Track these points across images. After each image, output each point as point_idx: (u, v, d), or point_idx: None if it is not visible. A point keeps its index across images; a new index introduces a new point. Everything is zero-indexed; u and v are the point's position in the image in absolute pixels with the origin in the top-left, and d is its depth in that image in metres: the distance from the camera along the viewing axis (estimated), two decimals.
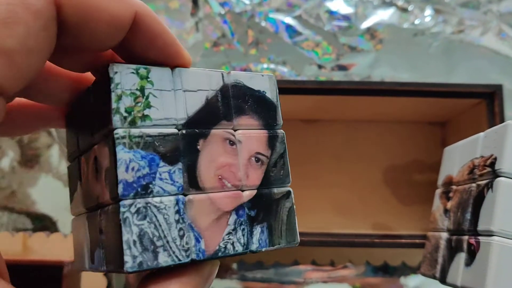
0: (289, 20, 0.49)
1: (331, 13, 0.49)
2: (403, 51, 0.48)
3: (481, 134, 0.31)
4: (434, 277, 0.33)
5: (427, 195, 0.45)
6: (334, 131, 0.46)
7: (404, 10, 0.49)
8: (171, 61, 0.18)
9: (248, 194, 0.19)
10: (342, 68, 0.48)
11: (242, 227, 0.18)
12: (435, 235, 0.34)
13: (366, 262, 0.44)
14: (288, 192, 0.20)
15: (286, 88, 0.40)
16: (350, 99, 0.41)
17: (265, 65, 0.48)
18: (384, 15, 0.49)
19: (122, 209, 0.16)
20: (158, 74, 0.18)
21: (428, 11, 0.48)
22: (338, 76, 0.48)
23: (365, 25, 0.49)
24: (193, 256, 0.17)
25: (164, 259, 0.17)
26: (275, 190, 0.20)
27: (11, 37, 0.15)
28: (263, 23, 0.49)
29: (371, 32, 0.48)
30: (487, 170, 0.29)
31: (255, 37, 0.48)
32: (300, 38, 0.48)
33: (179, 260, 0.17)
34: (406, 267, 0.44)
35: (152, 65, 0.18)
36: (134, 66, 0.18)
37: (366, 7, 0.49)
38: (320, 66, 0.48)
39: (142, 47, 0.18)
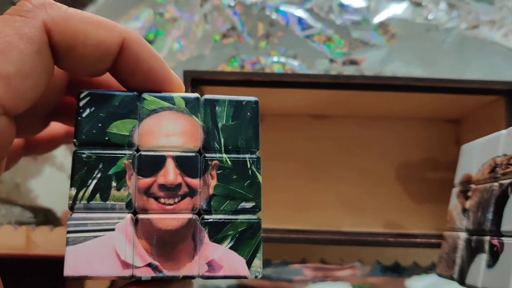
0: (300, 12, 0.48)
1: (343, 7, 0.48)
2: (416, 47, 0.47)
3: (503, 131, 0.30)
4: (452, 278, 0.32)
5: (441, 194, 0.44)
6: (345, 127, 0.45)
7: (417, 4, 0.48)
8: (159, 85, 0.20)
9: None
10: (354, 62, 0.47)
11: None
12: (452, 234, 0.33)
13: (377, 261, 0.43)
14: None
15: (297, 82, 0.39)
16: (362, 94, 0.40)
17: (275, 58, 0.47)
18: (397, 9, 0.48)
19: None
20: None
21: (442, 6, 0.48)
22: (349, 70, 0.47)
23: (377, 19, 0.48)
24: None
25: None
26: None
27: (7, 62, 0.16)
28: (274, 16, 0.48)
29: (383, 26, 0.47)
30: (511, 169, 0.28)
31: (266, 29, 0.47)
32: (312, 32, 0.47)
33: None
34: (416, 267, 0.44)
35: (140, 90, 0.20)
36: None
37: (379, 1, 0.48)
38: (331, 60, 0.47)
39: (130, 71, 0.19)
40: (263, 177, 0.22)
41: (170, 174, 0.19)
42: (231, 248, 0.20)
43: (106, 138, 0.19)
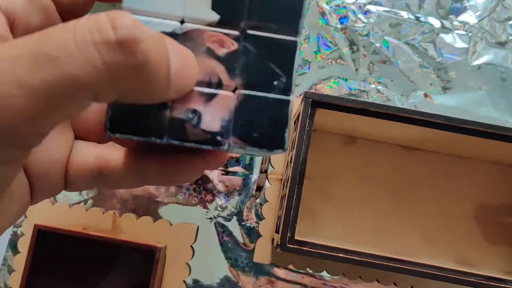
0: (403, 45, 0.49)
1: (445, 46, 0.49)
2: (510, 95, 0.49)
3: None
4: None
5: None
6: (433, 161, 0.47)
7: None
8: None
9: None
10: (448, 100, 0.49)
11: None
12: None
13: None
14: None
15: (392, 114, 0.40)
16: (453, 135, 0.41)
17: (373, 86, 0.48)
18: (496, 55, 0.49)
19: None
20: None
21: None
22: (442, 108, 0.48)
23: (476, 62, 0.49)
24: None
25: None
26: None
27: None
28: (378, 44, 0.49)
29: (481, 70, 0.49)
30: None
31: (368, 56, 0.49)
32: (411, 65, 0.49)
33: None
34: None
35: None
36: None
37: (481, 44, 0.49)
38: (426, 95, 0.49)
39: None
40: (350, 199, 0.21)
41: None
42: None
43: None
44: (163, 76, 0.17)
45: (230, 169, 0.48)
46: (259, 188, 0.48)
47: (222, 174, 0.48)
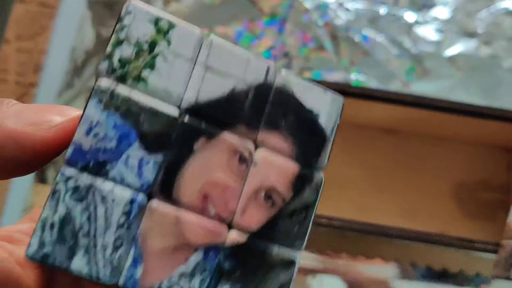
0: (380, 38, 0.54)
1: (420, 38, 0.54)
2: (481, 81, 0.53)
3: None
4: (508, 279, 0.37)
5: (490, 212, 0.50)
6: (411, 143, 0.51)
7: (486, 43, 0.54)
8: None
9: (233, 237, 0.14)
10: (424, 88, 0.53)
11: (204, 276, 0.13)
12: (510, 242, 0.39)
13: (426, 265, 0.49)
14: (292, 262, 0.14)
15: (371, 95, 0.44)
16: (430, 114, 0.45)
17: (353, 76, 0.53)
18: (466, 44, 0.54)
19: (57, 178, 0.13)
20: (182, 34, 0.14)
21: (507, 47, 0.53)
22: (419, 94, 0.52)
23: (448, 52, 0.53)
24: (120, 281, 0.13)
25: (78, 264, 0.13)
26: (275, 250, 0.14)
27: None
28: (357, 38, 0.54)
29: (453, 59, 0.53)
30: None
31: (349, 49, 0.53)
32: (389, 56, 0.53)
33: (97, 276, 0.13)
34: (463, 276, 0.48)
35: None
36: (156, 14, 0.14)
37: (452, 36, 0.54)
38: (403, 84, 0.53)
39: None
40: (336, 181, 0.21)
41: None
42: None
43: None
44: None
45: None
46: None
47: None
